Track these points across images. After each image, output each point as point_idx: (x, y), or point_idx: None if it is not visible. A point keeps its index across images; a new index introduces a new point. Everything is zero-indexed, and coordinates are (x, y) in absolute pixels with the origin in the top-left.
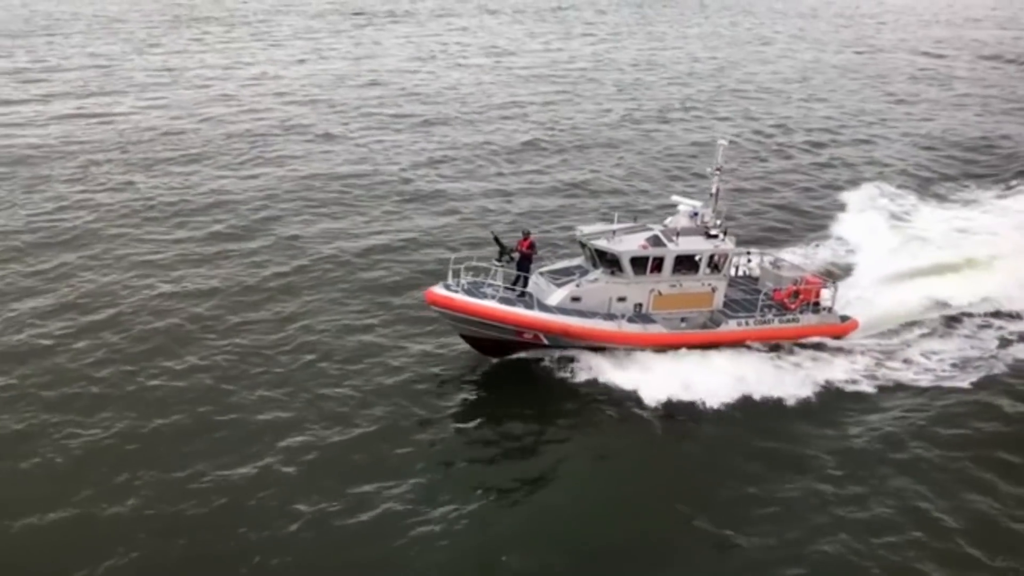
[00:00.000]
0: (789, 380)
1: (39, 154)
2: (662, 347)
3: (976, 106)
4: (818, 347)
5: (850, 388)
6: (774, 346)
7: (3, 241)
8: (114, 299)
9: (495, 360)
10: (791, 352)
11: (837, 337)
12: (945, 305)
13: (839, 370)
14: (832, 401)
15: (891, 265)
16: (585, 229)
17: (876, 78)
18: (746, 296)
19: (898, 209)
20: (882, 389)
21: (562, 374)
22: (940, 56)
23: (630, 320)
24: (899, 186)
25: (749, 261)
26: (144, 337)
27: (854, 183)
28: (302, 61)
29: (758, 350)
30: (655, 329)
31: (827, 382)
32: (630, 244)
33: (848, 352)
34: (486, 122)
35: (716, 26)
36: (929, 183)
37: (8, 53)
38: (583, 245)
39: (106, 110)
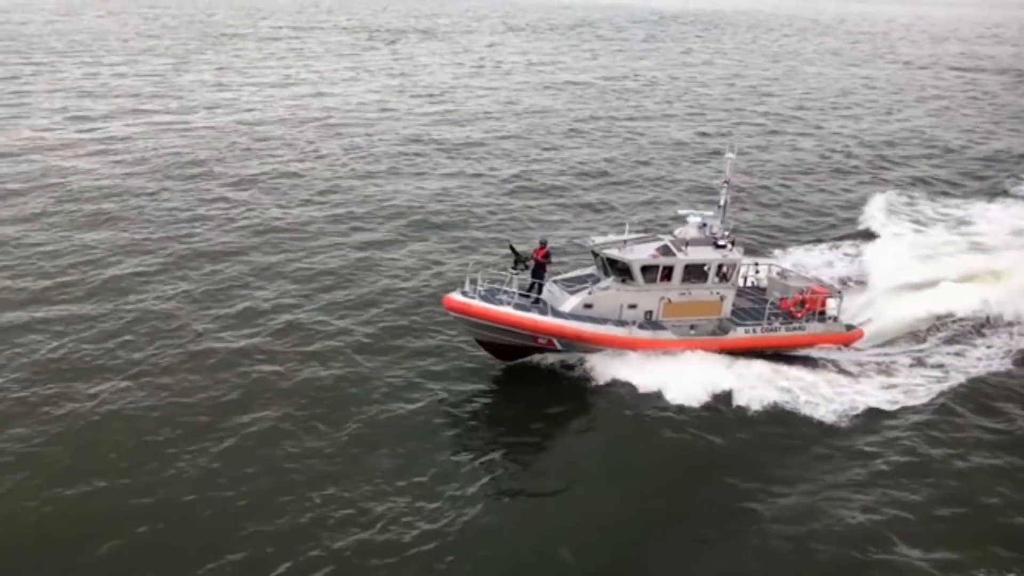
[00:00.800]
0: (796, 387)
1: (144, 168)
2: (671, 354)
3: (991, 119)
4: (824, 355)
5: (855, 395)
6: (781, 355)
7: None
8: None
9: (506, 363)
10: (797, 360)
11: (842, 346)
12: (951, 315)
13: (844, 378)
14: (836, 407)
15: (902, 275)
16: (597, 239)
17: (894, 90)
18: (754, 305)
19: (912, 219)
20: (888, 397)
21: (570, 376)
22: (959, 69)
23: (640, 327)
24: (914, 196)
25: (757, 272)
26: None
27: (869, 193)
28: (350, 78)
29: (765, 357)
30: (665, 336)
31: (832, 390)
32: (641, 253)
33: (854, 360)
34: (508, 138)
35: (739, 43)
36: (942, 193)
37: (57, 70)
38: (595, 254)
39: (184, 123)
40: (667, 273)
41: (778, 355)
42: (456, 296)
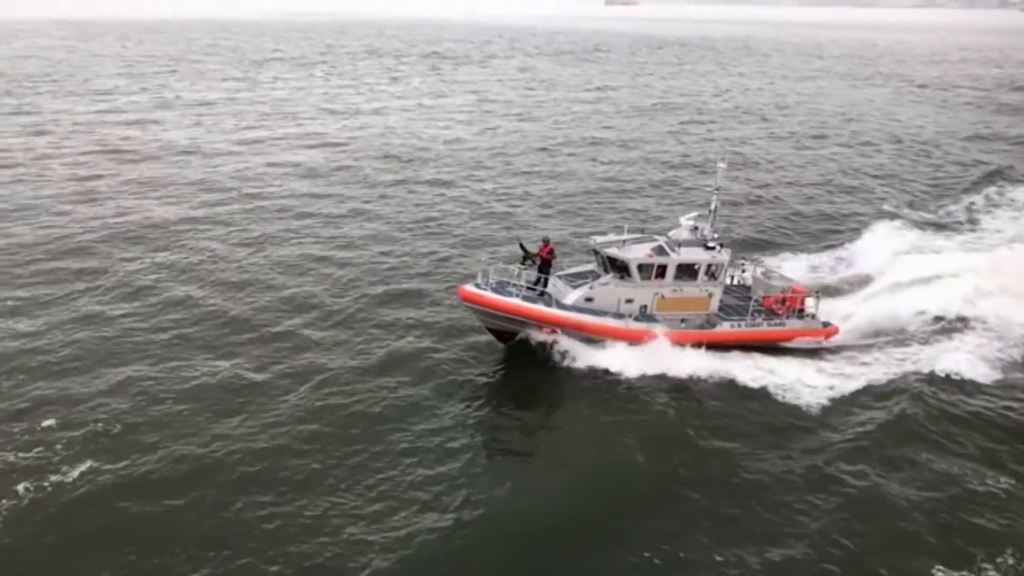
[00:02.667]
0: (771, 377)
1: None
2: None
3: (979, 131)
4: (802, 349)
5: (827, 386)
6: (762, 348)
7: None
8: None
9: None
10: (777, 352)
11: (819, 341)
12: (927, 314)
13: (816, 370)
14: (808, 396)
15: (887, 276)
16: (598, 239)
17: (889, 105)
18: (739, 302)
19: (902, 227)
20: (858, 389)
21: (561, 364)
22: (946, 88)
23: (636, 319)
24: (906, 205)
25: (744, 272)
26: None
27: (864, 202)
28: (400, 96)
29: (747, 350)
30: (658, 328)
31: (804, 381)
32: (638, 253)
33: (831, 353)
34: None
35: (746, 65)
36: (933, 202)
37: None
38: (596, 253)
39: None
40: (661, 271)
41: (757, 348)
42: (470, 288)
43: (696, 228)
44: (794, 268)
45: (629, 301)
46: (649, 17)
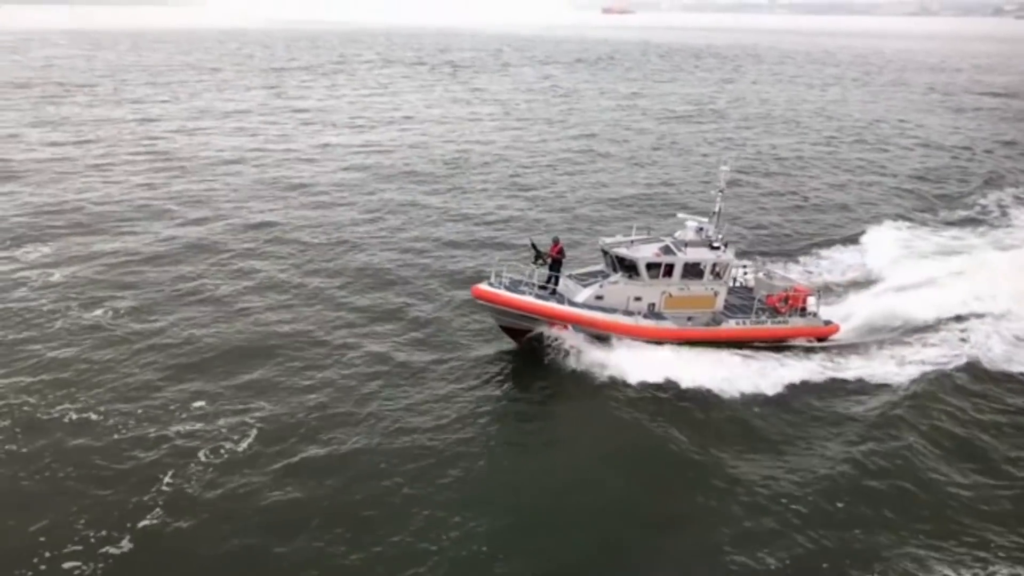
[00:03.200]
0: (773, 375)
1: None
2: (672, 341)
3: (999, 137)
4: (804, 347)
5: (826, 383)
6: (765, 345)
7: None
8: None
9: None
10: (780, 350)
11: (820, 339)
12: (926, 313)
13: (819, 365)
14: (807, 392)
15: (889, 276)
16: (607, 239)
17: (887, 114)
18: (743, 302)
19: (900, 230)
20: (858, 385)
21: (572, 360)
22: (948, 94)
23: (645, 316)
24: (904, 210)
25: (746, 273)
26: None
27: (865, 208)
28: (429, 105)
29: (751, 348)
30: (666, 325)
31: (805, 379)
32: (646, 252)
33: (832, 351)
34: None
35: (760, 73)
36: (930, 209)
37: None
38: (604, 252)
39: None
40: (668, 270)
41: (760, 346)
42: (484, 287)
43: (701, 229)
44: (795, 268)
45: (638, 299)
46: (649, 25)
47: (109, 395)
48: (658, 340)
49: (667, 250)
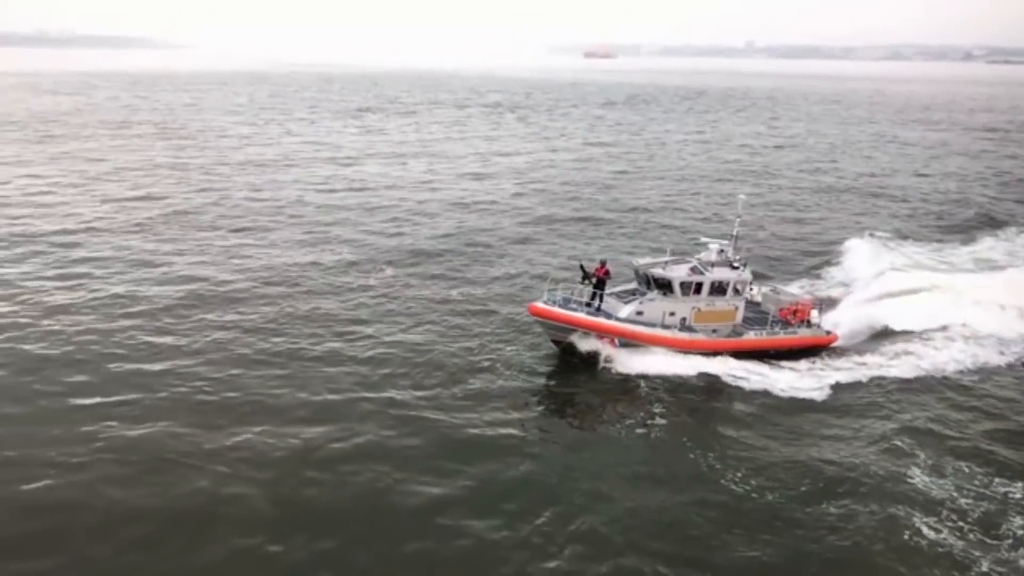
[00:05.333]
0: (780, 375)
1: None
2: (704, 350)
3: (962, 172)
4: (808, 354)
5: (830, 381)
6: (777, 354)
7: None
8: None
9: (557, 347)
10: (790, 357)
11: (824, 346)
12: (910, 321)
13: (823, 369)
14: (816, 391)
15: (870, 291)
16: (640, 261)
17: (879, 144)
18: (754, 315)
19: (885, 250)
20: (859, 385)
21: (612, 368)
22: (940, 131)
23: (680, 329)
24: (889, 234)
25: (751, 290)
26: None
27: (850, 230)
28: (488, 138)
29: (768, 357)
30: (698, 337)
31: (814, 378)
32: (680, 272)
33: (831, 357)
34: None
35: (782, 114)
36: (913, 232)
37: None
38: (637, 272)
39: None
40: (698, 288)
41: (774, 354)
42: (540, 304)
43: (722, 251)
44: (793, 284)
45: (672, 314)
46: (645, 69)
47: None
48: (692, 351)
49: (696, 270)
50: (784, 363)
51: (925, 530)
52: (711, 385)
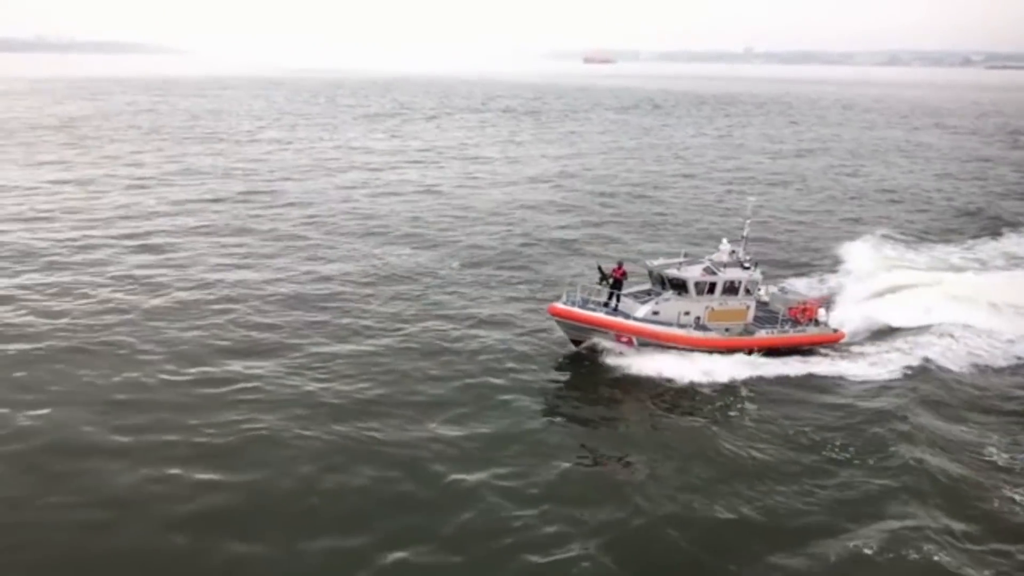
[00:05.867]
0: (795, 371)
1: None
2: (719, 348)
3: (958, 176)
4: (816, 352)
5: (835, 378)
6: (788, 351)
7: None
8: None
9: (576, 348)
10: (801, 355)
11: (831, 343)
12: (908, 318)
13: (832, 364)
14: (815, 383)
15: (871, 289)
16: (654, 262)
17: (900, 149)
18: (763, 315)
19: (882, 252)
20: (855, 380)
21: (628, 366)
22: (957, 135)
23: (695, 328)
24: (886, 236)
25: (760, 290)
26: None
27: (854, 232)
28: (513, 142)
29: (778, 354)
30: (712, 335)
31: (822, 371)
32: (694, 272)
33: (838, 353)
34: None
35: (803, 118)
36: (923, 232)
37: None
38: (651, 273)
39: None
40: (711, 288)
41: (784, 352)
42: (560, 305)
43: (733, 252)
44: (798, 282)
45: (687, 313)
46: (650, 74)
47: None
48: (707, 349)
49: (709, 270)
50: (793, 361)
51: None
52: (724, 384)
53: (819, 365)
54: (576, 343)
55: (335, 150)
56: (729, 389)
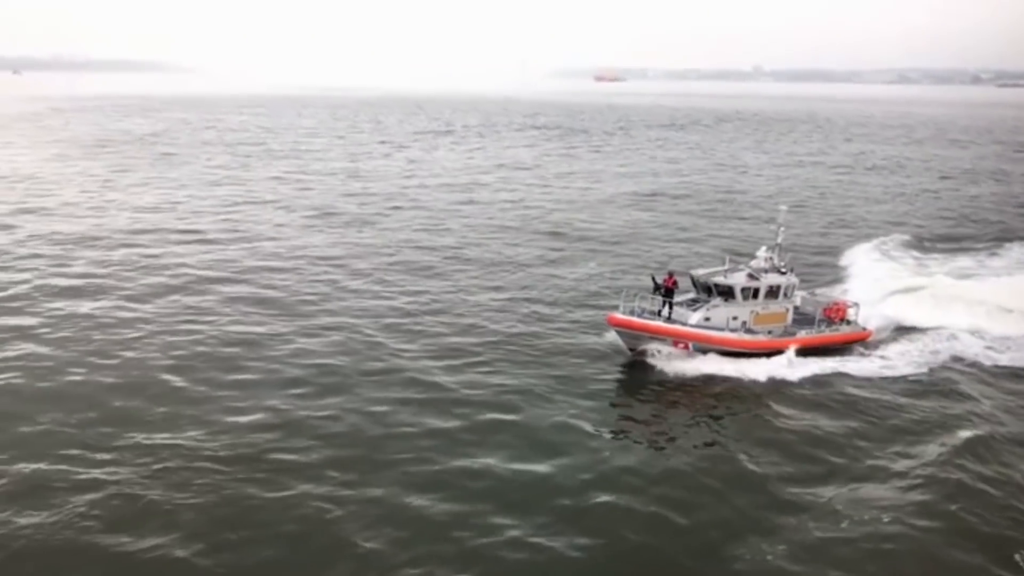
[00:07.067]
0: (831, 368)
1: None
2: (766, 350)
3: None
4: (848, 351)
5: (876, 370)
6: (823, 350)
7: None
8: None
9: (632, 355)
10: (830, 354)
11: (862, 341)
12: (913, 322)
13: (866, 361)
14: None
15: (884, 290)
16: (699, 271)
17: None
18: (798, 316)
19: (895, 258)
20: (896, 379)
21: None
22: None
23: (744, 332)
24: (899, 243)
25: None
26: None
27: (867, 238)
28: (569, 156)
29: (816, 354)
30: (760, 338)
31: (859, 367)
32: (740, 279)
33: (871, 352)
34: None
35: (836, 136)
36: (923, 242)
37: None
38: (697, 282)
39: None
40: (755, 293)
41: (819, 351)
42: (619, 315)
43: (770, 258)
44: (827, 286)
45: (735, 318)
46: (669, 92)
47: None
48: (756, 351)
49: (752, 276)
50: (829, 359)
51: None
52: (773, 383)
53: (852, 363)
54: (632, 350)
55: (407, 165)
56: (777, 387)
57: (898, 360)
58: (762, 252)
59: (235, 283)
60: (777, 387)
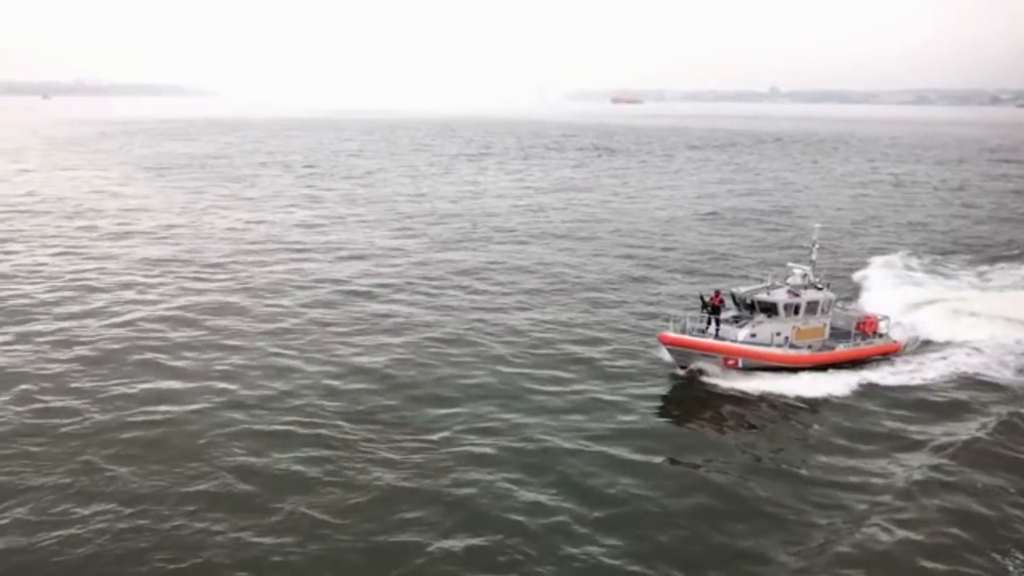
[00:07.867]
0: (857, 380)
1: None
2: (810, 364)
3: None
4: (880, 362)
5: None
6: (858, 362)
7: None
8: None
9: (682, 372)
10: (863, 366)
11: (893, 353)
12: (939, 335)
13: (892, 371)
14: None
15: (903, 304)
16: (741, 289)
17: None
18: (833, 331)
19: (909, 273)
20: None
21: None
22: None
23: (788, 347)
24: (912, 256)
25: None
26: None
27: (882, 252)
28: (615, 176)
29: (852, 366)
30: (803, 352)
31: (892, 377)
32: (781, 295)
33: (900, 364)
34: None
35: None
36: (936, 256)
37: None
38: (739, 299)
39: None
40: (796, 309)
41: (854, 363)
42: (670, 333)
43: (805, 275)
44: (856, 301)
45: (778, 334)
46: (682, 113)
47: None
48: (801, 365)
49: (793, 292)
50: (864, 371)
51: None
52: (818, 396)
53: (886, 375)
54: (682, 367)
55: (475, 186)
56: (820, 401)
57: (927, 372)
58: (798, 268)
59: (405, 291)
60: (820, 400)
